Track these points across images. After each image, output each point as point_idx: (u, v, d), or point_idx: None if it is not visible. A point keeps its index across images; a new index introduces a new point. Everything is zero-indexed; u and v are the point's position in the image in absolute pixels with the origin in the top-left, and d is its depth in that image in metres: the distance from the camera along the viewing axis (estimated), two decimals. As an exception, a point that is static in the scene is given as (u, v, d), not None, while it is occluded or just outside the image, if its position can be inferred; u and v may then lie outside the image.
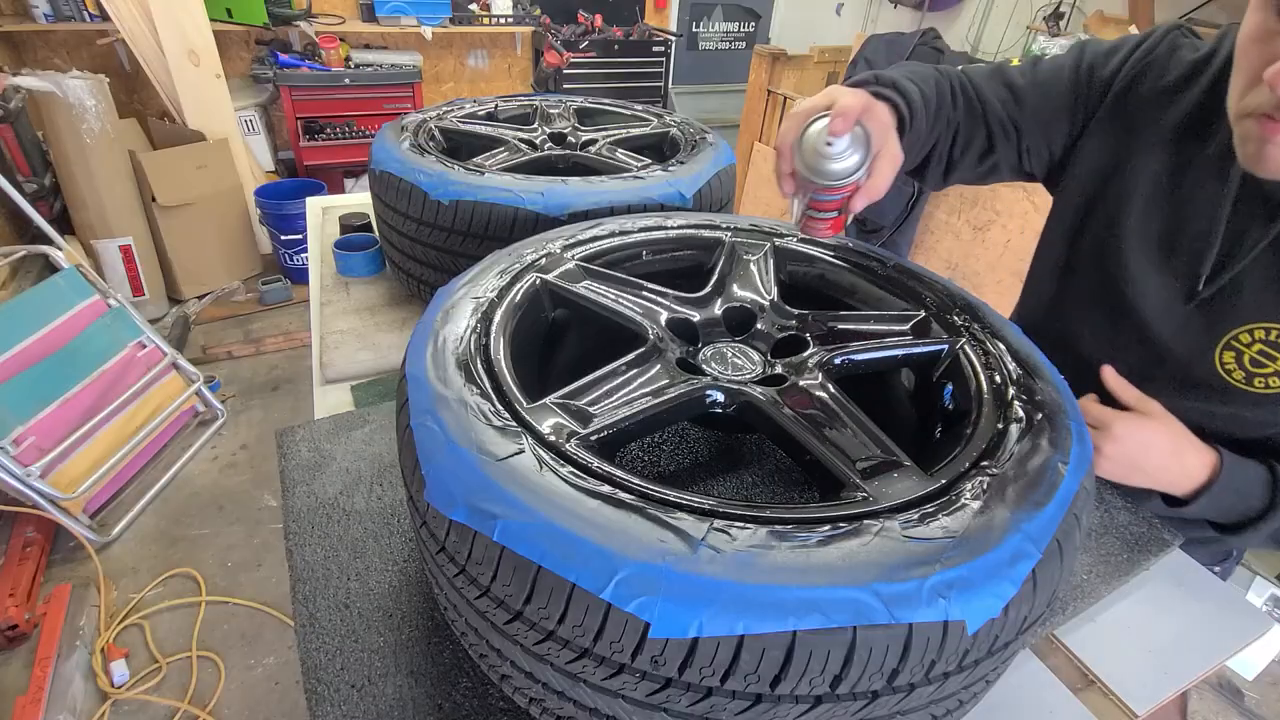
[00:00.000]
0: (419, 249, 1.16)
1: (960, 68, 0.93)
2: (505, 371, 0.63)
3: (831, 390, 0.69)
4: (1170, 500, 0.81)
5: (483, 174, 1.09)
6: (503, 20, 4.32)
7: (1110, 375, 0.78)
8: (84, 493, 2.05)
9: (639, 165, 1.26)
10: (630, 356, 0.70)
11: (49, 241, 2.41)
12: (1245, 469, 0.75)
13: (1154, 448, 0.75)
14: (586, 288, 0.80)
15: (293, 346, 3.18)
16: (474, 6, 4.28)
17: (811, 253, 0.92)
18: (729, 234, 0.92)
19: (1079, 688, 0.78)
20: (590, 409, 0.62)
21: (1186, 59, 0.78)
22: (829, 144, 0.68)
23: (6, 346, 2.01)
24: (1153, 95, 0.80)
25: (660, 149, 1.44)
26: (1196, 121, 0.76)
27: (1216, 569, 1.01)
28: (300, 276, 3.50)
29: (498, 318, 0.71)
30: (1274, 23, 0.58)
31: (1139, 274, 0.81)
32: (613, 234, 0.90)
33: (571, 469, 0.52)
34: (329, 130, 3.87)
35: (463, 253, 1.10)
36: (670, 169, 1.17)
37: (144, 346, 2.39)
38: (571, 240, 0.87)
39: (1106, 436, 0.76)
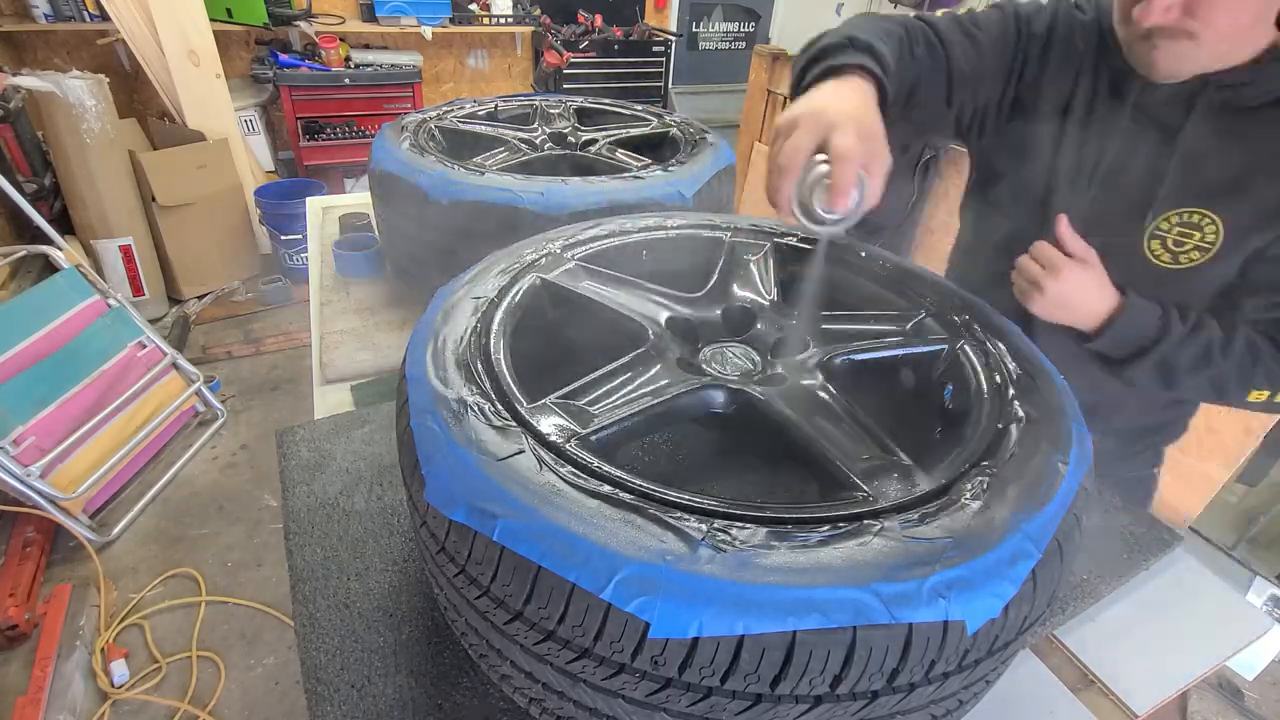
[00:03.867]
0: (419, 249, 1.16)
1: (914, 14, 0.95)
2: (505, 371, 0.63)
3: (831, 390, 0.69)
4: (1081, 337, 0.91)
5: (483, 174, 1.09)
6: (503, 20, 4.31)
7: (1064, 224, 0.86)
8: (84, 493, 2.05)
9: (639, 165, 1.26)
10: (630, 356, 0.70)
11: (49, 241, 2.41)
12: (1144, 306, 0.86)
13: (1085, 290, 0.86)
14: (587, 287, 0.80)
15: (293, 346, 3.17)
16: (474, 6, 4.28)
17: (812, 253, 0.92)
18: (729, 234, 0.92)
19: (1079, 688, 0.78)
20: (590, 409, 0.62)
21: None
22: (829, 212, 0.66)
23: (6, 346, 2.01)
24: (1072, 43, 0.90)
25: (660, 149, 1.44)
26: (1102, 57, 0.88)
27: (1155, 471, 1.15)
28: (300, 276, 3.50)
29: (498, 318, 0.71)
30: None
31: (1072, 201, 0.91)
32: (613, 234, 0.90)
33: (571, 469, 0.52)
34: (329, 130, 3.87)
35: (463, 253, 1.10)
36: (670, 169, 1.17)
37: (144, 346, 2.39)
38: (571, 240, 0.87)
39: (1053, 276, 0.86)
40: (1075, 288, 0.85)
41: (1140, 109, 0.85)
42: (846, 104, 0.71)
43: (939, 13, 0.96)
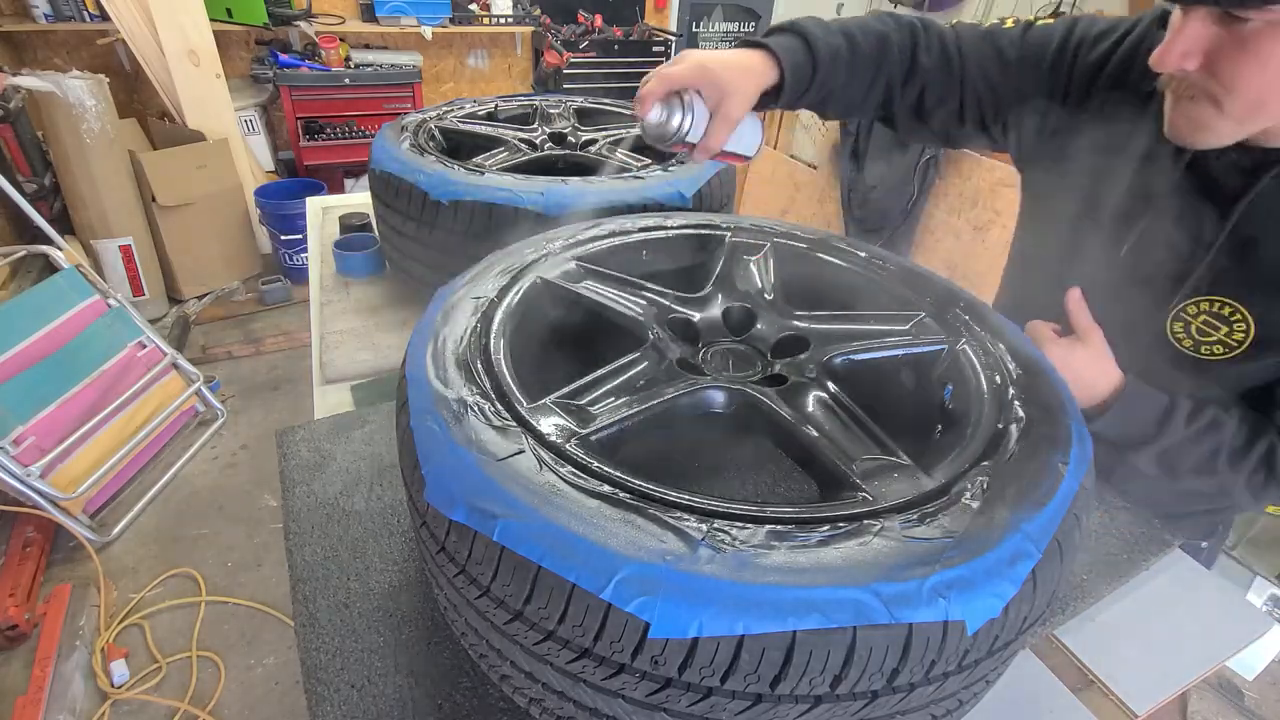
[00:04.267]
0: (419, 249, 1.16)
1: (955, 22, 0.93)
2: (505, 371, 0.63)
3: (831, 390, 0.69)
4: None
5: (483, 174, 1.09)
6: (503, 20, 4.31)
7: (1073, 297, 0.83)
8: (84, 493, 2.05)
9: (639, 165, 1.26)
10: (630, 356, 0.71)
11: (49, 241, 2.41)
12: (1146, 395, 0.80)
13: (1077, 370, 0.80)
14: (586, 287, 0.80)
15: (293, 346, 3.17)
16: (474, 6, 4.28)
17: (812, 253, 0.92)
18: (729, 234, 0.92)
19: (1079, 688, 0.78)
20: (590, 409, 0.62)
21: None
22: (650, 118, 0.78)
23: (6, 346, 2.01)
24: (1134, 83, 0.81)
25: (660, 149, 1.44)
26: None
27: (1204, 545, 1.03)
28: (300, 276, 3.50)
29: (498, 318, 0.71)
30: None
31: (1103, 252, 0.85)
32: (613, 234, 0.90)
33: (571, 469, 0.52)
34: (329, 130, 3.87)
35: (463, 253, 1.10)
36: (670, 169, 1.17)
37: (144, 346, 2.39)
38: (571, 240, 0.87)
39: (1049, 347, 0.83)
40: (1064, 367, 0.78)
41: (1198, 166, 0.75)
42: (721, 60, 0.78)
43: (954, 20, 0.95)
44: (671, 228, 0.93)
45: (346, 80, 3.78)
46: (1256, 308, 0.74)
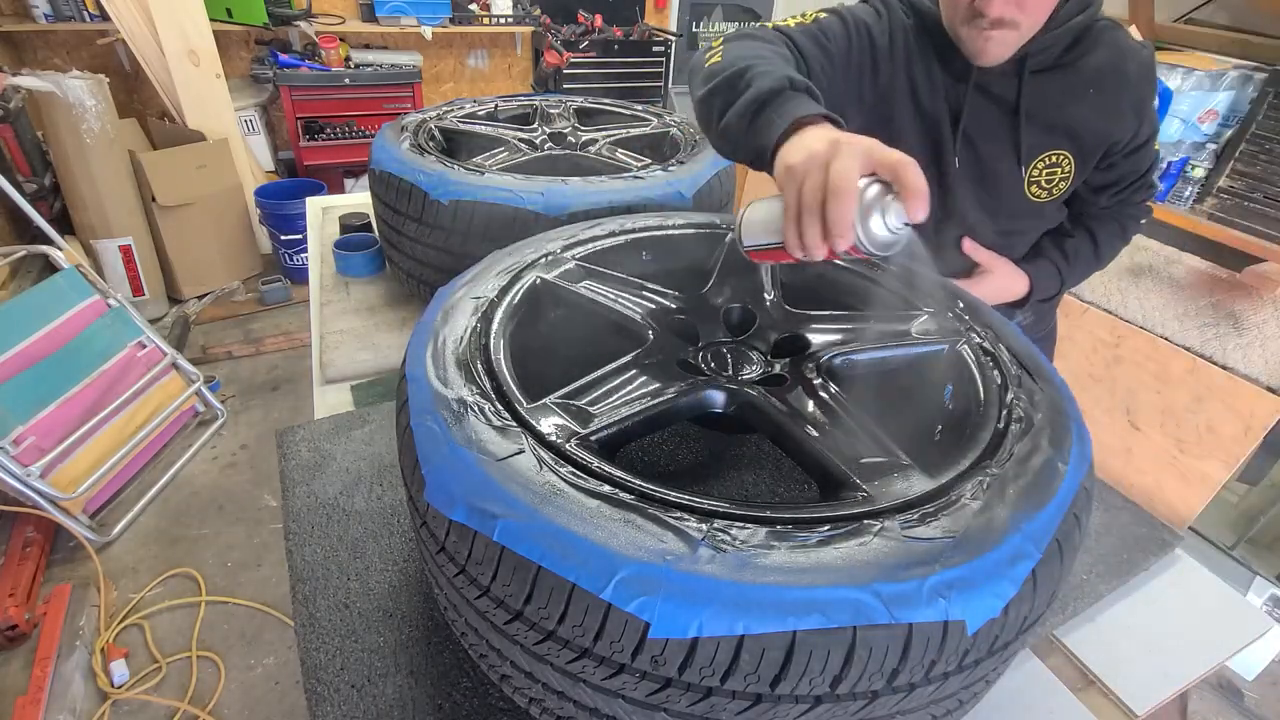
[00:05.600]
0: (419, 249, 1.16)
1: (773, 24, 0.96)
2: (505, 371, 0.63)
3: (831, 390, 0.69)
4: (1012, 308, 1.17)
5: (483, 174, 1.09)
6: (503, 20, 4.31)
7: (967, 245, 1.09)
8: (84, 493, 2.05)
9: (639, 165, 1.26)
10: (630, 356, 0.70)
11: (49, 241, 2.41)
12: (1044, 272, 1.11)
13: (1000, 288, 1.10)
14: (586, 287, 0.80)
15: (293, 346, 3.17)
16: (474, 6, 4.28)
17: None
18: (729, 234, 0.92)
19: (1079, 688, 0.78)
20: (590, 409, 0.62)
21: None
22: (904, 225, 0.58)
23: (6, 346, 2.01)
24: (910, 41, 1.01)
25: (660, 149, 1.44)
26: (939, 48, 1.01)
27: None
28: (300, 276, 3.49)
29: (498, 318, 0.71)
30: None
31: (958, 176, 1.06)
32: (613, 234, 0.90)
33: (571, 469, 0.52)
34: (329, 130, 3.87)
35: (463, 253, 1.10)
36: (670, 169, 1.17)
37: (144, 346, 2.39)
38: (571, 240, 0.87)
39: (974, 287, 1.07)
40: (993, 290, 1.08)
41: (980, 88, 0.99)
42: (853, 136, 0.62)
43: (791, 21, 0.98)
44: (671, 228, 0.93)
45: (346, 80, 3.78)
46: (1066, 146, 1.02)
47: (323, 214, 1.74)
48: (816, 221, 0.58)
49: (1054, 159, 1.03)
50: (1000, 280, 1.09)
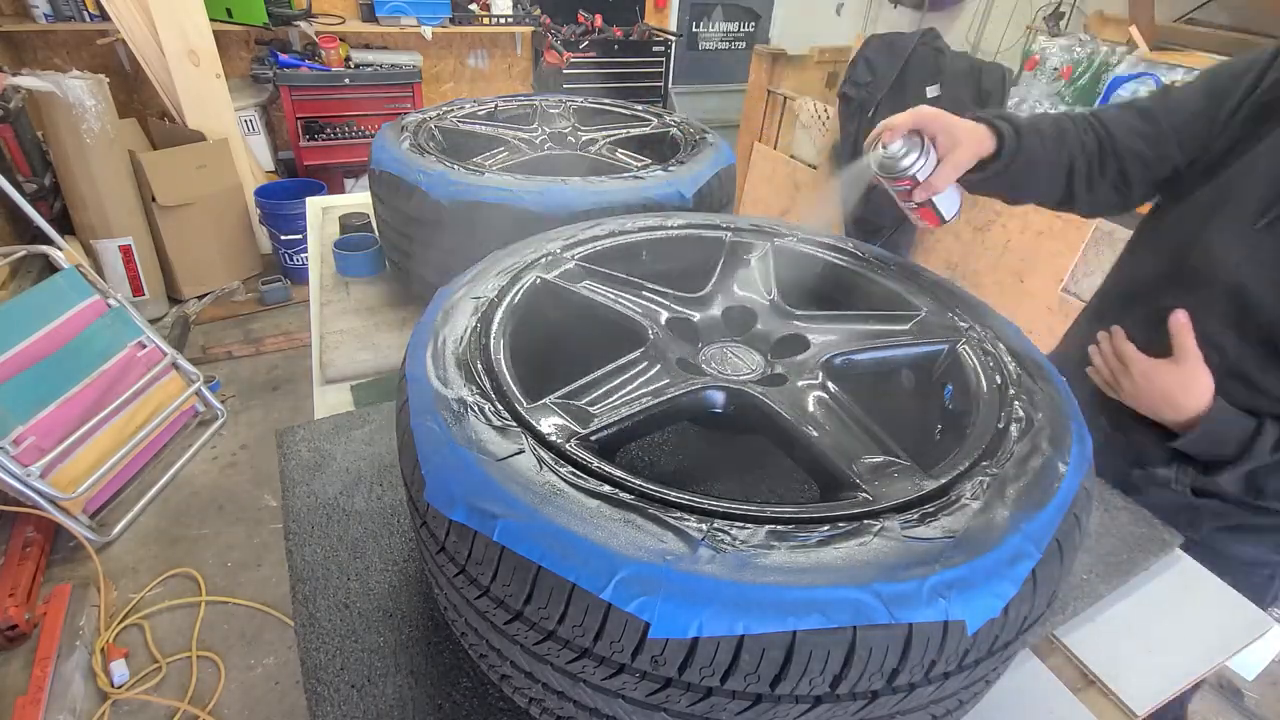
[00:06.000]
0: (418, 249, 1.16)
1: (1090, 111, 0.98)
2: (505, 371, 0.63)
3: (831, 390, 0.69)
4: (1164, 432, 0.92)
5: (483, 174, 1.09)
6: (503, 20, 4.31)
7: (1178, 319, 0.85)
8: (84, 493, 2.05)
9: (639, 165, 1.26)
10: (630, 356, 0.70)
11: (49, 241, 2.41)
12: (1233, 418, 0.85)
13: (1169, 389, 0.87)
14: (586, 287, 0.80)
15: (293, 346, 3.17)
16: (474, 6, 4.28)
17: (812, 253, 0.92)
18: (729, 234, 0.92)
19: (1079, 688, 0.78)
20: (590, 409, 0.62)
21: None
22: (884, 147, 0.84)
23: (6, 346, 2.01)
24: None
25: (660, 149, 1.44)
26: None
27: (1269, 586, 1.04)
28: (300, 276, 3.49)
29: (498, 318, 0.71)
30: None
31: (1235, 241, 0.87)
32: (613, 234, 0.90)
33: (571, 469, 0.52)
34: (329, 130, 3.87)
35: (463, 253, 1.10)
36: (670, 169, 1.17)
37: (144, 346, 2.39)
38: (571, 240, 0.87)
39: (1126, 375, 0.91)
40: (1156, 387, 0.87)
41: None
42: (957, 118, 0.85)
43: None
44: (671, 228, 0.93)
45: (346, 80, 3.78)
46: None
47: (323, 214, 1.75)
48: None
49: None
50: (1180, 380, 0.85)
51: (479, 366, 0.63)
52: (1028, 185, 0.95)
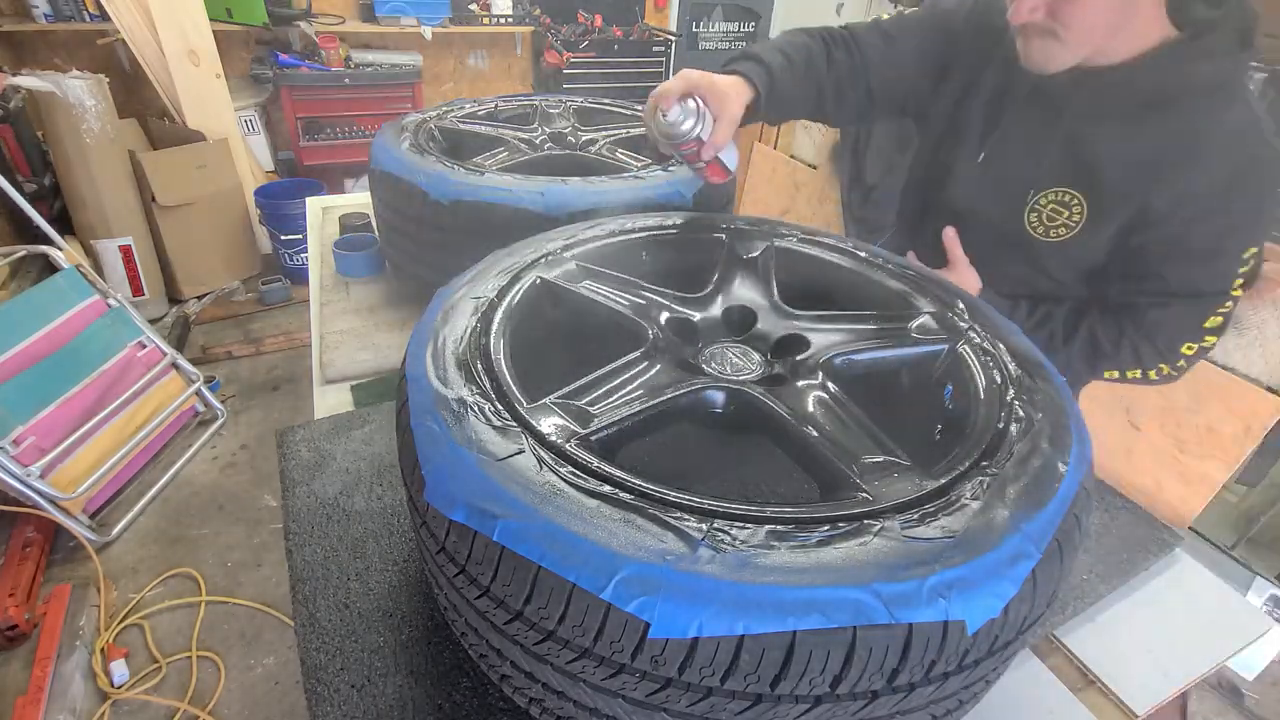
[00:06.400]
0: (419, 249, 1.16)
1: (841, 26, 1.09)
2: (505, 371, 0.63)
3: (831, 390, 0.69)
4: None
5: (483, 174, 1.09)
6: (503, 20, 4.31)
7: (948, 234, 1.04)
8: (84, 493, 2.05)
9: (639, 165, 1.26)
10: (630, 356, 0.70)
11: (49, 241, 2.41)
12: (995, 301, 0.99)
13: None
14: (586, 287, 0.80)
15: (293, 346, 3.17)
16: (474, 6, 4.28)
17: (813, 253, 0.92)
18: (729, 234, 0.92)
19: (1079, 688, 0.78)
20: (590, 409, 0.62)
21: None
22: (664, 115, 0.88)
23: (6, 346, 2.01)
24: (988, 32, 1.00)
25: (660, 149, 1.44)
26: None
27: None
28: (300, 276, 3.49)
29: (498, 318, 0.71)
30: None
31: (964, 170, 1.05)
32: (613, 234, 0.90)
33: (571, 469, 0.52)
34: (329, 130, 3.87)
35: (463, 253, 1.10)
36: (670, 169, 1.17)
37: (144, 346, 2.39)
38: (571, 240, 0.87)
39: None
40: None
41: (1039, 91, 0.94)
42: (716, 76, 0.92)
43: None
44: (671, 228, 0.93)
45: (346, 80, 3.78)
46: (1083, 190, 0.92)
47: (323, 214, 1.75)
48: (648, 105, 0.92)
49: (1066, 198, 0.93)
50: (954, 276, 1.02)
51: (479, 366, 0.63)
52: (785, 115, 1.06)
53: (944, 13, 1.05)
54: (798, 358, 0.74)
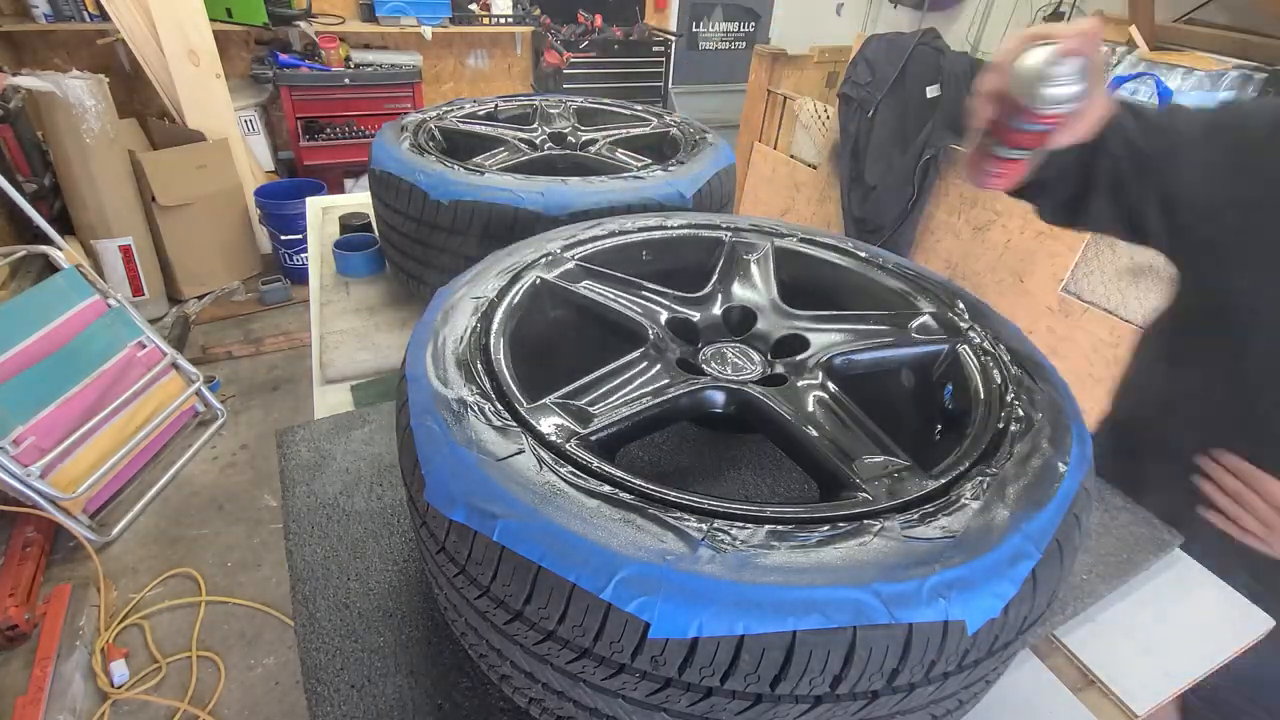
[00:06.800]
0: (419, 249, 1.16)
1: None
2: (505, 371, 0.63)
3: (831, 390, 0.69)
4: None
5: (483, 174, 1.09)
6: (503, 20, 4.31)
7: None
8: (84, 493, 2.05)
9: (639, 165, 1.26)
10: (630, 356, 0.70)
11: (49, 241, 2.41)
12: None
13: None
14: (586, 287, 0.80)
15: (293, 346, 3.17)
16: (474, 6, 4.28)
17: (812, 253, 0.92)
18: (729, 234, 0.92)
19: (1079, 688, 0.78)
20: (590, 409, 0.62)
21: None
22: (1059, 64, 0.64)
23: (6, 346, 2.01)
24: None
25: (660, 149, 1.44)
26: None
27: None
28: (300, 276, 3.49)
29: (498, 318, 0.71)
30: None
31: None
32: (613, 234, 0.90)
33: (571, 469, 0.52)
34: (329, 130, 3.87)
35: (463, 253, 1.10)
36: (670, 169, 1.17)
37: (144, 346, 2.39)
38: (571, 240, 0.87)
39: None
40: None
41: None
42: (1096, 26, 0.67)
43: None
44: (671, 228, 0.93)
45: (346, 80, 3.78)
46: None
47: (323, 214, 1.74)
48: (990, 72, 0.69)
49: None
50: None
51: (479, 366, 0.63)
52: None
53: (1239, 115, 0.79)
54: (798, 358, 0.74)
